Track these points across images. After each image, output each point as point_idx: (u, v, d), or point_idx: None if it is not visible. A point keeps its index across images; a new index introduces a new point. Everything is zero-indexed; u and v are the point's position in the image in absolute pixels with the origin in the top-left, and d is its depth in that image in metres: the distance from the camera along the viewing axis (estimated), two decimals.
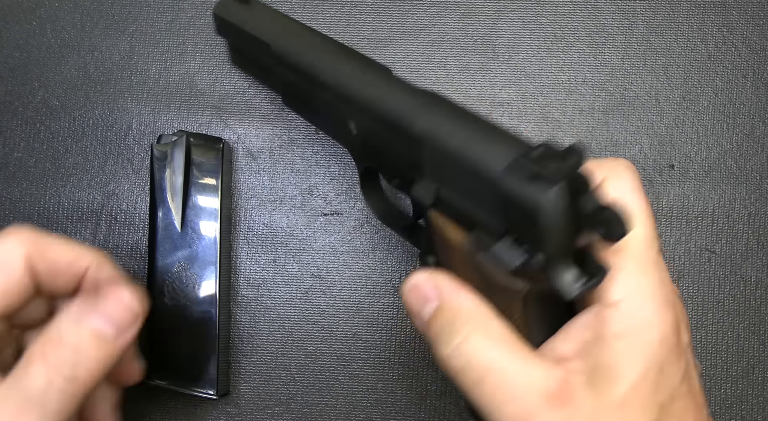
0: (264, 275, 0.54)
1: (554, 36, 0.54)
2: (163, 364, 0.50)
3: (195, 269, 0.51)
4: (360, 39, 0.55)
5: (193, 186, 0.51)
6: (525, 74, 0.54)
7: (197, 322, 0.50)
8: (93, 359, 0.36)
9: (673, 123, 0.53)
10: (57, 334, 0.36)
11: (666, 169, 0.53)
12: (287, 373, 0.53)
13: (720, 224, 0.53)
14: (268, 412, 0.52)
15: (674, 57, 0.54)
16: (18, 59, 0.56)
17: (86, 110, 0.55)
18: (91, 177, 0.55)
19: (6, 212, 0.54)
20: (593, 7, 0.54)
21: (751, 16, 0.54)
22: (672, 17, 0.54)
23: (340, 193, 0.54)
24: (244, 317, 0.53)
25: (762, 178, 0.53)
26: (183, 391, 0.50)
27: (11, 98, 0.55)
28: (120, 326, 0.37)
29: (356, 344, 0.53)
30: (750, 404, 0.51)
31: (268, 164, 0.54)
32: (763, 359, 0.52)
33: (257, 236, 0.54)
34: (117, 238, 0.54)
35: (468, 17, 0.55)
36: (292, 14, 0.55)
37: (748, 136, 0.53)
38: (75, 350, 0.36)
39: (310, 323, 0.53)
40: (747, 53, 0.54)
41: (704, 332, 0.52)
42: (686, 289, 0.52)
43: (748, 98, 0.54)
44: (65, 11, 0.56)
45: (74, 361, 0.35)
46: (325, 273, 0.53)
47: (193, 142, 0.52)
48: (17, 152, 0.55)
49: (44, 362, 0.35)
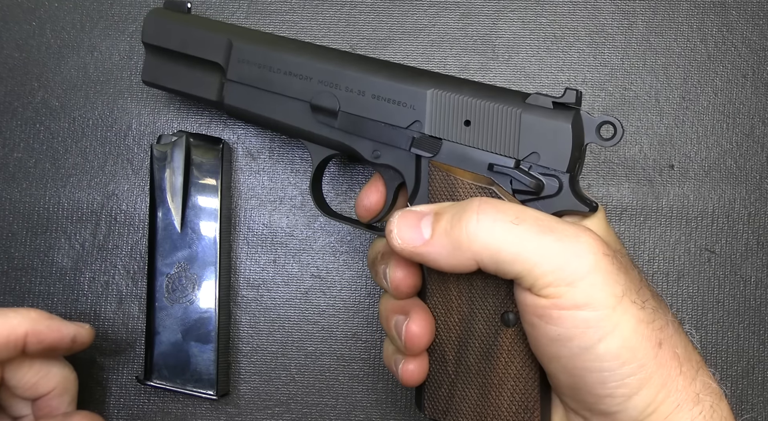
0: (264, 275, 0.54)
1: (554, 36, 0.54)
2: (163, 364, 0.50)
3: (195, 269, 0.51)
4: (360, 39, 0.55)
5: (193, 186, 0.51)
6: (525, 74, 0.54)
7: (197, 322, 0.50)
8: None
9: (673, 123, 0.53)
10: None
11: (666, 169, 0.53)
12: (287, 373, 0.53)
13: (720, 224, 0.53)
14: (268, 412, 0.52)
15: (674, 57, 0.54)
16: (18, 59, 0.56)
17: (86, 110, 0.55)
18: (91, 177, 0.55)
19: (6, 212, 0.54)
20: (593, 7, 0.54)
21: (751, 16, 0.54)
22: (672, 17, 0.54)
23: (340, 193, 0.54)
24: (244, 317, 0.53)
25: (762, 178, 0.53)
26: (183, 391, 0.50)
27: (11, 98, 0.55)
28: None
29: (356, 344, 0.53)
30: (750, 404, 0.51)
31: (268, 164, 0.54)
32: (763, 359, 0.52)
33: (257, 236, 0.54)
34: (117, 238, 0.54)
35: (468, 17, 0.55)
36: (292, 14, 0.55)
37: (748, 136, 0.53)
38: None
39: (310, 323, 0.53)
40: (747, 53, 0.54)
41: (704, 332, 0.52)
42: (686, 289, 0.52)
43: (748, 98, 0.54)
44: (65, 11, 0.56)
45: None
46: (325, 273, 0.53)
47: (193, 142, 0.51)
48: (17, 152, 0.55)
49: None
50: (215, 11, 0.55)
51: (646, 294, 0.36)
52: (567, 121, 0.39)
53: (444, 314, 0.41)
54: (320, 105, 0.44)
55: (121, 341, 0.53)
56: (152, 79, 0.50)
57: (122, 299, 0.54)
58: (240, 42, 0.46)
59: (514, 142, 0.40)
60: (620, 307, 0.34)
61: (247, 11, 0.55)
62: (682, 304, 0.52)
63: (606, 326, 0.34)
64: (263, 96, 0.46)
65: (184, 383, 0.50)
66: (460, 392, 0.40)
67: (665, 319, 0.36)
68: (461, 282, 0.40)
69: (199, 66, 0.48)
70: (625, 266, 0.36)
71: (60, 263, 0.54)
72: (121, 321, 0.53)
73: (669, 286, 0.52)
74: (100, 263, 0.54)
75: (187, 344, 0.50)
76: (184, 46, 0.48)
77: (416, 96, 0.42)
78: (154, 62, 0.50)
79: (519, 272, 0.35)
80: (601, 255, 0.35)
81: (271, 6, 0.55)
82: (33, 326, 0.44)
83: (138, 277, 0.54)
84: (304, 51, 0.45)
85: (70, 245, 0.54)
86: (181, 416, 0.53)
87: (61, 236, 0.54)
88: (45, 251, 0.54)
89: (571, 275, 0.34)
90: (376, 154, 0.43)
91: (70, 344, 0.46)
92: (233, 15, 0.55)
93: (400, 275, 0.41)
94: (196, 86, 0.48)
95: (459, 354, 0.40)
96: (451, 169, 0.41)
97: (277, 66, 0.45)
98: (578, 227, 0.36)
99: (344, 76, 0.43)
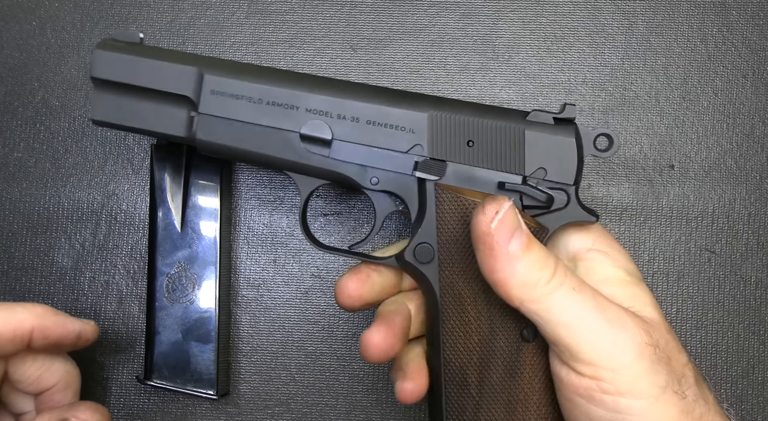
0: (264, 275, 0.54)
1: (554, 36, 0.54)
2: (163, 364, 0.50)
3: (195, 269, 0.51)
4: (360, 39, 0.55)
5: (193, 186, 0.51)
6: (525, 74, 0.54)
7: (197, 322, 0.50)
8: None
9: (673, 123, 0.53)
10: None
11: (666, 169, 0.53)
12: (287, 373, 0.53)
13: (720, 224, 0.53)
14: (268, 412, 0.52)
15: (674, 57, 0.54)
16: (18, 59, 0.56)
17: (86, 110, 0.55)
18: (91, 177, 0.55)
19: (6, 211, 0.54)
20: (593, 7, 0.54)
21: (751, 16, 0.54)
22: (672, 17, 0.54)
23: (340, 193, 0.54)
24: (244, 317, 0.53)
25: (762, 178, 0.53)
26: (183, 391, 0.50)
27: (11, 98, 0.55)
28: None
29: (356, 344, 0.53)
30: (750, 404, 0.51)
31: None
32: (763, 359, 0.52)
33: (257, 236, 0.54)
34: (117, 238, 0.54)
35: (468, 17, 0.55)
36: (292, 14, 0.55)
37: (748, 136, 0.53)
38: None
39: (310, 323, 0.53)
40: (747, 53, 0.54)
41: (704, 332, 0.52)
42: (686, 289, 0.52)
43: (748, 98, 0.53)
44: (65, 11, 0.56)
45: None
46: (325, 273, 0.53)
47: None
48: (17, 152, 0.55)
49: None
50: (215, 11, 0.55)
51: (688, 382, 0.37)
52: (571, 136, 0.41)
53: (463, 338, 0.40)
54: (312, 135, 0.42)
55: (121, 340, 0.53)
56: (105, 119, 0.44)
57: (122, 299, 0.54)
58: (212, 73, 0.43)
59: (520, 159, 0.41)
60: (663, 397, 0.35)
61: (247, 11, 0.55)
62: (682, 304, 0.52)
63: (649, 415, 0.35)
64: (243, 128, 0.43)
65: (184, 382, 0.50)
66: (485, 414, 0.40)
67: (706, 406, 0.37)
68: (479, 303, 0.40)
69: (162, 101, 0.43)
70: (668, 355, 0.37)
71: (60, 263, 0.54)
72: (121, 321, 0.53)
73: (669, 286, 0.52)
74: (100, 262, 0.54)
75: (187, 344, 0.50)
76: (146, 79, 0.43)
77: (415, 119, 0.42)
78: (106, 100, 0.44)
79: (562, 340, 0.36)
80: (644, 345, 0.36)
81: (271, 6, 0.55)
82: (39, 321, 0.44)
83: (138, 277, 0.54)
84: (286, 79, 0.43)
85: (70, 244, 0.54)
86: (181, 416, 0.53)
87: (61, 236, 0.54)
88: (45, 250, 0.54)
89: (615, 361, 0.35)
90: (373, 180, 0.42)
91: (75, 340, 0.46)
92: (233, 15, 0.55)
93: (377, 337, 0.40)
94: (160, 123, 0.44)
95: (482, 375, 0.40)
96: (459, 190, 0.41)
97: (258, 96, 0.42)
98: (625, 311, 0.37)
99: (335, 103, 0.42)
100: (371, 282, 0.43)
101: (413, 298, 0.44)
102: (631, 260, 0.42)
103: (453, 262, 0.40)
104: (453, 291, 0.40)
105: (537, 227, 0.40)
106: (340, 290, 0.43)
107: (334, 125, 0.42)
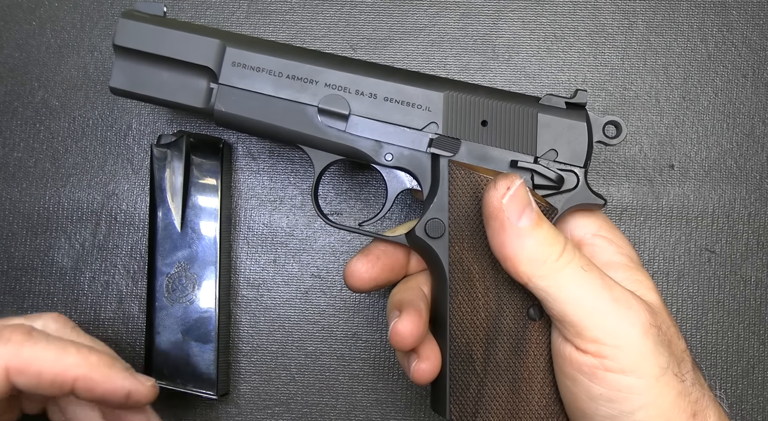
0: (264, 275, 0.54)
1: (554, 36, 0.54)
2: (163, 364, 0.50)
3: (195, 269, 0.51)
4: (360, 39, 0.55)
5: (193, 186, 0.51)
6: (525, 74, 0.54)
7: (197, 322, 0.50)
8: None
9: (673, 123, 0.53)
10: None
11: (666, 169, 0.53)
12: (287, 373, 0.53)
13: (720, 224, 0.53)
14: (268, 412, 0.52)
15: (674, 57, 0.54)
16: (18, 59, 0.56)
17: (86, 110, 0.55)
18: (91, 177, 0.55)
19: (6, 212, 0.54)
20: (593, 7, 0.54)
21: (751, 16, 0.54)
22: (672, 17, 0.54)
23: (340, 193, 0.54)
24: (244, 317, 0.53)
25: (762, 178, 0.53)
26: (183, 391, 0.50)
27: (11, 98, 0.55)
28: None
29: (356, 344, 0.53)
30: (750, 404, 0.51)
31: (268, 164, 0.54)
32: (763, 359, 0.52)
33: (257, 236, 0.54)
34: (117, 238, 0.54)
35: (468, 17, 0.55)
36: (292, 14, 0.55)
37: (748, 136, 0.53)
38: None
39: (310, 323, 0.53)
40: (747, 53, 0.54)
41: (704, 332, 0.52)
42: (686, 289, 0.52)
43: (748, 98, 0.53)
44: (65, 11, 0.56)
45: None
46: (325, 273, 0.53)
47: (193, 142, 0.51)
48: (17, 152, 0.55)
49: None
50: (215, 11, 0.55)
51: (687, 366, 0.37)
52: (582, 120, 0.42)
53: (470, 313, 0.41)
54: (330, 109, 0.43)
55: (121, 340, 0.53)
56: (124, 86, 0.45)
57: (122, 299, 0.54)
58: (234, 45, 0.44)
59: (532, 141, 0.42)
60: (663, 378, 0.35)
61: (247, 11, 0.55)
62: (682, 304, 0.52)
63: (648, 394, 0.35)
64: (261, 100, 0.44)
65: (184, 382, 0.50)
66: (489, 391, 0.41)
67: (702, 391, 0.37)
68: (487, 279, 0.40)
69: (182, 71, 0.44)
70: (669, 339, 0.37)
71: (60, 263, 0.54)
72: (121, 321, 0.53)
73: (669, 286, 0.52)
74: (100, 262, 0.54)
75: (187, 344, 0.50)
76: (169, 49, 0.44)
77: (431, 98, 0.43)
78: (126, 68, 0.45)
79: (567, 316, 0.36)
80: (648, 325, 0.36)
81: (271, 6, 0.55)
82: (86, 373, 0.39)
83: (138, 277, 0.54)
84: (306, 55, 0.44)
85: (70, 244, 0.54)
86: (181, 416, 0.53)
87: (61, 236, 0.54)
88: (45, 250, 0.54)
89: (620, 339, 0.35)
90: (387, 157, 0.43)
91: (123, 399, 0.40)
92: (233, 15, 0.55)
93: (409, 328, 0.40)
94: (179, 93, 0.44)
95: (487, 352, 0.41)
96: (472, 167, 0.42)
97: (278, 69, 0.44)
98: (630, 293, 0.37)
99: (354, 79, 0.43)
100: (381, 264, 0.44)
101: (425, 283, 0.45)
102: (633, 249, 0.43)
103: (463, 238, 0.41)
104: (462, 267, 0.41)
105: (547, 207, 0.41)
106: (350, 272, 0.44)
107: (352, 100, 0.43)
